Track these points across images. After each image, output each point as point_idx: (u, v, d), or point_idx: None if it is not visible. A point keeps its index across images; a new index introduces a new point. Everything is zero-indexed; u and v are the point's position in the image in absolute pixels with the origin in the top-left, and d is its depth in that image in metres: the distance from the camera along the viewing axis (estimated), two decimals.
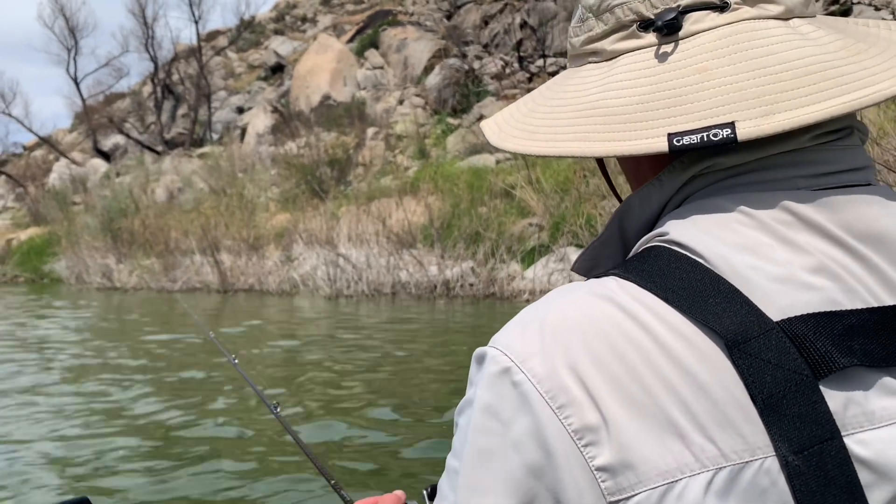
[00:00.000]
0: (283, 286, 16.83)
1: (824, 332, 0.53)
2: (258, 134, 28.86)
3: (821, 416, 0.52)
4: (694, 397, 0.52)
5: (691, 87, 0.61)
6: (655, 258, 0.60)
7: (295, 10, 41.24)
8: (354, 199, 17.83)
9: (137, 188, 27.40)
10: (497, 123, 0.74)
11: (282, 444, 4.88)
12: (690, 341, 0.54)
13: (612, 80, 0.65)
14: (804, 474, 0.51)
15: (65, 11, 38.43)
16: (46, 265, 28.39)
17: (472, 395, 0.59)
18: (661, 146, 0.59)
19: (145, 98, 39.85)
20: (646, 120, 0.61)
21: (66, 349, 9.73)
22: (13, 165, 43.15)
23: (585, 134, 0.63)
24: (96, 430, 5.53)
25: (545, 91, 0.74)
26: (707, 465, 0.52)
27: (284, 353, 8.81)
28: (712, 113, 0.59)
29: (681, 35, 0.64)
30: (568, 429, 0.53)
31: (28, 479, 4.47)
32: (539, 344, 0.56)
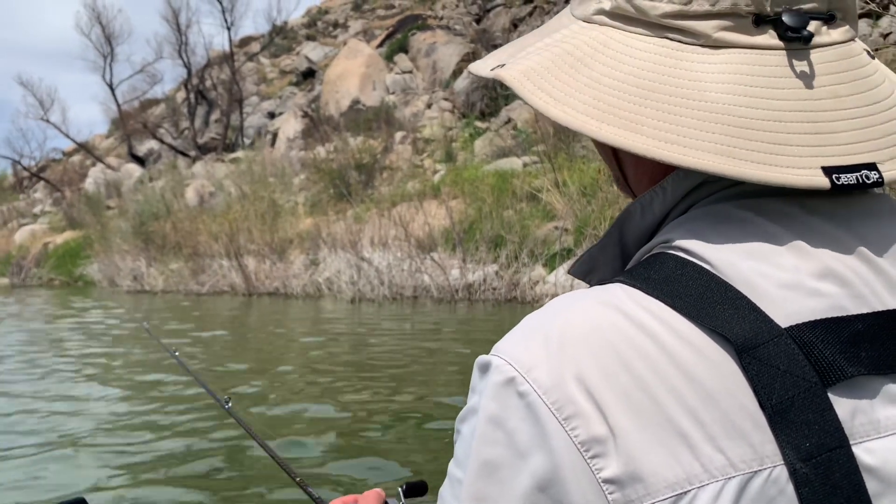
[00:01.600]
0: (307, 289, 16.85)
1: (832, 340, 0.53)
2: (289, 139, 29.05)
3: (829, 424, 0.51)
4: (702, 406, 0.52)
5: (827, 112, 0.58)
6: (661, 265, 0.58)
7: (327, 16, 41.51)
8: (380, 203, 17.80)
9: (168, 193, 27.71)
10: (544, 89, 0.62)
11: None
12: (698, 349, 0.53)
13: (727, 78, 0.58)
14: (812, 482, 0.51)
15: (101, 19, 39.29)
16: (79, 268, 28.85)
17: (475, 404, 0.57)
18: (821, 182, 0.55)
19: (179, 104, 40.40)
20: (788, 143, 0.56)
21: (54, 350, 9.75)
22: (52, 171, 44.05)
23: (726, 148, 0.56)
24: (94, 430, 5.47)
25: (589, 51, 0.62)
26: (716, 475, 0.51)
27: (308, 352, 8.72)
28: (854, 149, 0.57)
29: (808, 46, 0.59)
30: (574, 440, 0.52)
31: (31, 475, 4.42)
32: (544, 354, 0.55)
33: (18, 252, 34.09)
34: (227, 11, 36.34)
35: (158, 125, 39.46)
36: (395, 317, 12.29)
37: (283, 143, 28.97)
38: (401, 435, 5.06)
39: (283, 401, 6.29)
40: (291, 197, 22.86)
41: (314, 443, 4.95)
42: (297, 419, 5.63)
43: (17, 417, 6.03)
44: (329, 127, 26.10)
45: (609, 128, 0.58)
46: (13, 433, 5.53)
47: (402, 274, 14.75)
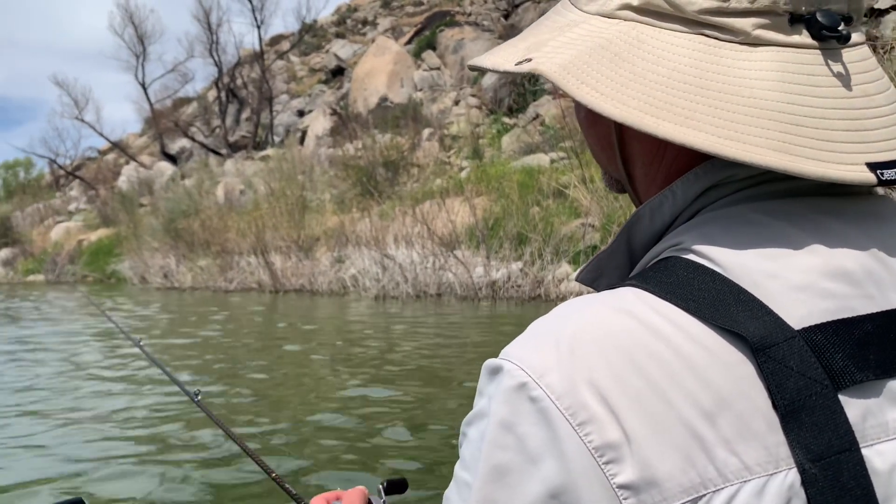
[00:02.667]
0: (332, 287, 16.89)
1: (842, 342, 0.54)
2: (317, 136, 29.16)
3: (840, 426, 0.52)
4: (717, 409, 0.52)
5: (861, 110, 0.59)
6: (673, 268, 0.58)
7: (356, 14, 41.58)
8: (407, 201, 17.76)
9: (197, 190, 27.97)
10: (588, 83, 0.60)
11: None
12: (712, 351, 0.53)
13: (771, 76, 0.58)
14: (820, 483, 0.51)
15: (134, 19, 39.66)
16: (111, 265, 29.25)
17: (484, 408, 0.57)
18: (869, 178, 0.56)
19: (211, 102, 40.78)
20: (832, 140, 0.57)
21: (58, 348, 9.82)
22: (87, 169, 44.77)
23: (783, 145, 0.56)
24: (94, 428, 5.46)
25: (624, 46, 0.61)
26: (731, 479, 0.51)
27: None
28: (888, 146, 0.58)
29: (839, 46, 0.61)
30: (588, 446, 0.52)
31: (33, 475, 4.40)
32: (556, 359, 0.54)
33: (53, 249, 34.70)
34: (256, 10, 36.55)
35: (190, 124, 39.88)
36: (418, 314, 12.21)
37: (312, 140, 29.08)
38: (419, 435, 4.96)
39: (307, 400, 6.23)
40: (319, 194, 22.92)
41: (325, 444, 4.87)
42: (311, 418, 5.56)
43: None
44: (357, 124, 26.13)
45: (666, 124, 0.57)
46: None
47: (426, 272, 14.69)
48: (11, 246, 37.13)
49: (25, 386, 7.28)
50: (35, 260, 35.38)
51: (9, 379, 7.72)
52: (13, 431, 5.51)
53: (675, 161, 0.67)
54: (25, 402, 6.50)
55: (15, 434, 5.42)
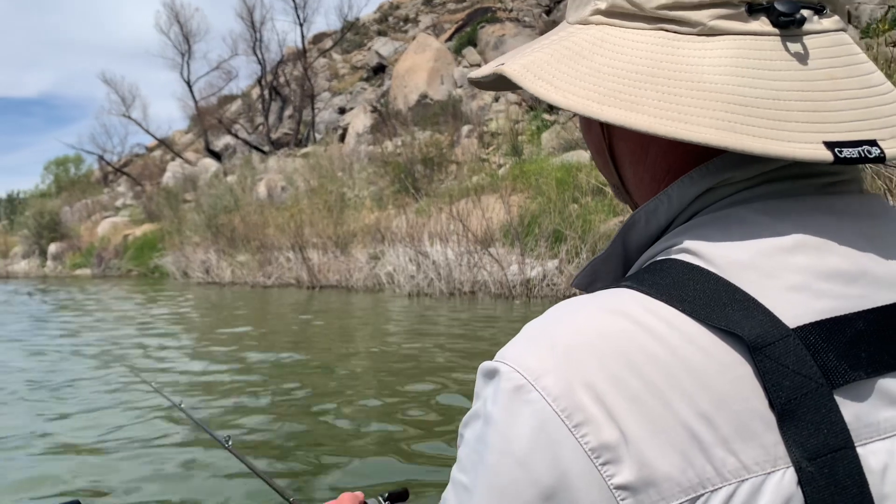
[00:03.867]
0: (367, 283, 16.89)
1: (835, 341, 0.54)
2: (358, 134, 29.25)
3: (836, 424, 0.52)
4: (714, 409, 0.52)
5: (824, 93, 0.59)
6: (667, 269, 0.59)
7: (398, 11, 41.64)
8: (444, 198, 17.67)
9: (238, 187, 28.25)
10: (544, 79, 0.64)
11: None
12: (708, 351, 0.53)
13: (725, 62, 0.59)
14: (816, 481, 0.51)
15: (179, 18, 40.25)
16: (154, 260, 29.72)
17: (479, 410, 0.57)
18: (824, 155, 0.56)
19: (254, 100, 41.21)
20: (788, 120, 0.57)
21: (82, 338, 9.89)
22: (134, 165, 45.64)
23: (728, 124, 0.57)
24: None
25: (587, 46, 0.64)
26: (729, 478, 0.51)
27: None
28: (853, 126, 0.58)
29: (800, 32, 0.61)
30: (585, 447, 0.52)
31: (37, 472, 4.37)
32: (552, 361, 0.54)
33: (100, 243, 35.42)
34: (299, 8, 36.81)
35: (234, 121, 40.36)
36: (455, 311, 12.10)
37: (353, 137, 29.17)
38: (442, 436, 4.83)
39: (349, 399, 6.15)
40: (357, 191, 22.97)
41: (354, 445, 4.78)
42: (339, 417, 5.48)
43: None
44: (397, 121, 26.12)
45: (611, 108, 0.59)
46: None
47: (461, 269, 14.57)
48: (60, 241, 38.03)
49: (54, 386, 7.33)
50: (82, 254, 36.18)
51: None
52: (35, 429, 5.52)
53: (658, 160, 0.68)
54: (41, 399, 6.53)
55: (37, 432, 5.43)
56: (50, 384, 7.07)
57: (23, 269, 38.02)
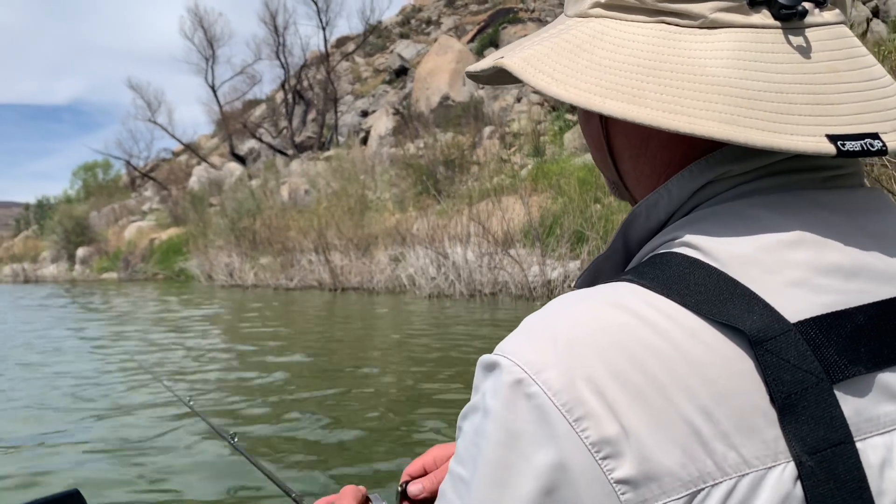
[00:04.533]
0: (388, 285, 16.86)
1: (835, 336, 0.54)
2: (380, 136, 29.29)
3: (836, 419, 0.52)
4: (715, 404, 0.52)
5: (826, 85, 0.59)
6: (668, 263, 0.58)
7: (420, 14, 41.71)
8: (465, 199, 17.61)
9: (261, 190, 28.40)
10: (545, 72, 0.63)
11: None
12: (709, 345, 0.53)
13: (726, 54, 0.59)
14: (816, 476, 0.51)
15: (203, 23, 40.57)
16: (179, 263, 29.97)
17: (478, 403, 0.57)
18: (827, 148, 0.56)
19: (278, 104, 41.45)
20: (791, 113, 0.58)
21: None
22: (160, 170, 46.13)
23: (731, 117, 0.57)
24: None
25: (587, 39, 0.64)
26: (729, 472, 0.51)
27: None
28: (855, 119, 0.58)
29: (801, 24, 0.61)
30: (585, 442, 0.52)
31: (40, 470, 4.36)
32: (553, 354, 0.54)
33: (127, 247, 35.82)
34: (322, 12, 36.93)
35: (258, 125, 40.64)
36: (474, 313, 12.02)
37: (375, 140, 29.22)
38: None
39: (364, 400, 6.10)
40: (380, 194, 22.97)
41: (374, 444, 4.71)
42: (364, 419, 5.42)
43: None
44: (419, 123, 26.10)
45: (612, 101, 0.59)
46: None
47: (482, 270, 14.49)
48: (88, 245, 38.53)
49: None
50: (109, 258, 36.60)
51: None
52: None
53: (658, 153, 0.67)
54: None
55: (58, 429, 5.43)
56: (71, 384, 7.10)
57: (51, 273, 38.57)
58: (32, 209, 57.58)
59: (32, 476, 4.31)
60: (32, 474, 4.34)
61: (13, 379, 7.65)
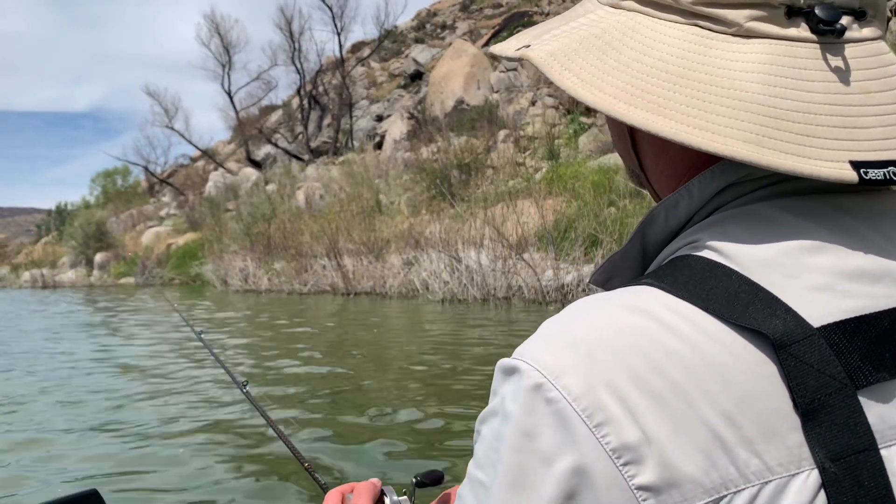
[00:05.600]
0: (401, 289, 16.79)
1: (860, 340, 0.53)
2: (395, 140, 29.23)
3: (860, 425, 0.51)
4: (738, 410, 0.51)
5: (856, 107, 0.58)
6: (689, 266, 0.58)
7: (435, 18, 41.69)
8: (479, 203, 17.49)
9: (277, 195, 28.42)
10: (572, 70, 0.62)
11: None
12: (731, 350, 0.53)
13: (758, 68, 0.58)
14: (840, 483, 0.51)
15: (220, 30, 40.80)
16: (195, 268, 30.05)
17: (499, 407, 0.56)
18: (850, 175, 0.55)
19: (294, 109, 41.54)
20: (816, 136, 0.56)
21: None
22: (178, 176, 46.38)
23: (756, 137, 0.56)
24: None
25: (617, 35, 0.62)
26: (752, 479, 0.51)
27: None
28: (882, 145, 0.57)
29: (840, 40, 0.60)
30: (606, 448, 0.51)
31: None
32: (573, 359, 0.54)
33: (144, 252, 36.01)
34: (337, 17, 36.99)
35: (274, 130, 40.73)
36: (488, 317, 11.89)
37: (390, 144, 29.16)
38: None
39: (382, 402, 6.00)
40: (394, 198, 22.92)
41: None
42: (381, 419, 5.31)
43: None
44: (433, 127, 26.02)
45: (637, 111, 0.58)
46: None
47: (495, 274, 14.36)
48: (106, 250, 38.77)
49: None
50: (126, 263, 36.81)
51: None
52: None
53: (680, 155, 0.66)
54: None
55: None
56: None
57: (69, 278, 38.85)
58: (52, 215, 58.15)
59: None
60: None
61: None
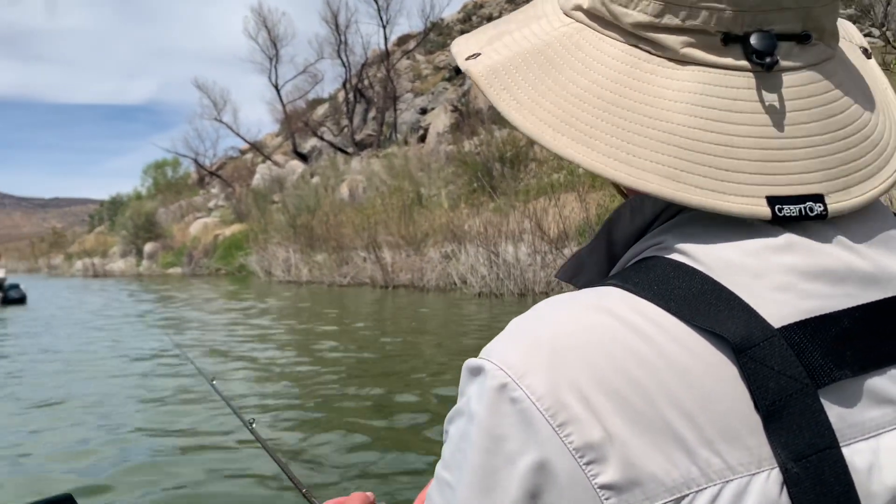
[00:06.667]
0: (439, 282, 16.72)
1: (819, 340, 0.54)
2: (438, 133, 29.18)
3: (821, 424, 0.52)
4: (699, 410, 0.52)
5: (784, 139, 0.58)
6: (653, 267, 0.58)
7: (482, 10, 41.48)
8: (520, 196, 17.30)
9: (323, 187, 28.60)
10: (510, 90, 0.62)
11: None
12: (693, 351, 0.53)
13: (688, 98, 0.58)
14: (802, 482, 0.51)
15: (267, 23, 41.21)
16: (239, 259, 30.44)
17: (463, 407, 0.57)
18: (763, 212, 0.56)
19: (340, 102, 41.77)
20: (737, 170, 0.57)
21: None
22: (226, 168, 47.10)
23: (673, 171, 0.57)
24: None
25: (561, 51, 0.63)
26: (714, 479, 0.51)
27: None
28: (803, 179, 0.57)
29: (774, 70, 0.59)
30: (569, 447, 0.52)
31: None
32: (537, 359, 0.54)
33: (191, 243, 36.64)
34: (382, 10, 37.03)
35: (321, 123, 41.02)
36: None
37: (434, 137, 29.11)
38: None
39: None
40: (435, 191, 22.85)
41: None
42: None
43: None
44: (477, 120, 25.89)
45: (564, 139, 0.59)
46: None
47: (534, 269, 14.19)
48: (155, 240, 39.58)
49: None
50: (174, 253, 37.50)
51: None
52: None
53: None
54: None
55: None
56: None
57: (119, 267, 39.81)
58: (105, 206, 59.59)
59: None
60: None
61: None
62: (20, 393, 6.70)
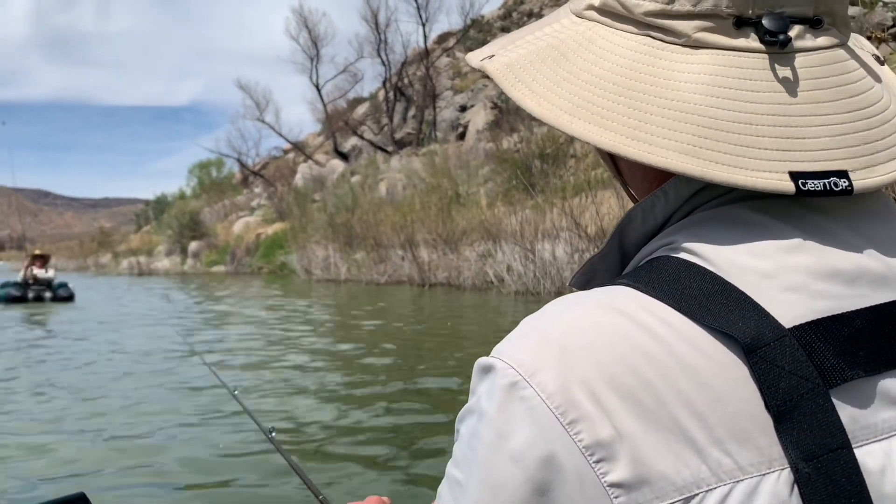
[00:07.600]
0: (476, 281, 16.62)
1: (832, 340, 0.54)
2: (478, 130, 29.05)
3: (832, 425, 0.52)
4: (710, 410, 0.52)
5: (803, 118, 0.58)
6: (664, 267, 0.58)
7: (522, 7, 41.18)
8: (558, 194, 17.10)
9: (359, 187, 28.70)
10: (524, 81, 0.63)
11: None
12: (704, 351, 0.53)
13: (703, 79, 0.58)
14: (814, 483, 0.51)
15: (307, 24, 41.43)
16: (280, 258, 30.74)
17: (474, 406, 0.57)
18: (787, 187, 0.56)
19: (380, 101, 41.89)
20: (757, 146, 0.57)
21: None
22: (269, 168, 47.62)
23: (693, 148, 0.57)
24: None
25: (574, 46, 0.64)
26: (724, 478, 0.51)
27: None
28: (826, 156, 0.57)
29: (787, 50, 0.59)
30: (578, 445, 0.52)
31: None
32: (548, 357, 0.54)
33: (235, 242, 37.12)
34: (422, 8, 36.99)
35: (361, 122, 41.19)
36: None
37: (473, 135, 28.99)
38: None
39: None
40: (474, 188, 22.75)
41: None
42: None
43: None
44: (516, 117, 25.70)
45: (580, 122, 0.59)
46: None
47: (573, 267, 13.99)
48: (199, 239, 40.20)
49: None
50: (218, 252, 38.04)
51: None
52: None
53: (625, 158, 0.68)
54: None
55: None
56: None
57: (164, 266, 40.51)
58: (151, 205, 60.75)
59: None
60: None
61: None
62: (48, 389, 6.80)
